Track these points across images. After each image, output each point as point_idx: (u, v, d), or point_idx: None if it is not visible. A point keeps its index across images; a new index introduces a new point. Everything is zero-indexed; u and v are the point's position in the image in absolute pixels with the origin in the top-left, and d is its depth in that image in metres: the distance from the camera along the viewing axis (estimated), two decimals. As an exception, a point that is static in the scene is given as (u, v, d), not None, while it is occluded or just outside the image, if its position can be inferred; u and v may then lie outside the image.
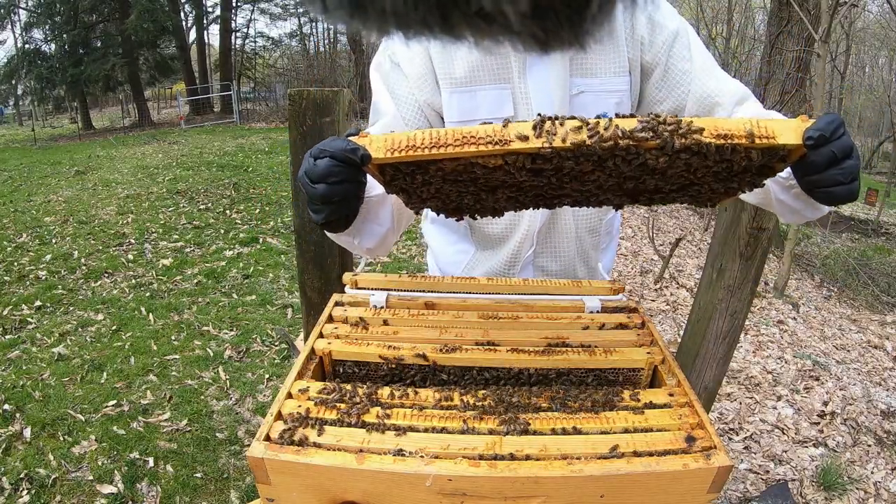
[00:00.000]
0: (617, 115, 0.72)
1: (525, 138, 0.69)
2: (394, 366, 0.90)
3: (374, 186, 0.88)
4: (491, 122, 0.72)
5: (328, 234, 0.96)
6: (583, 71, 1.09)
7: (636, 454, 0.69)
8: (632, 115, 0.72)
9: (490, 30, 0.27)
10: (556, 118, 0.71)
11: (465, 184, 0.80)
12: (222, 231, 5.81)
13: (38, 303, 4.04)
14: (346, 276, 1.13)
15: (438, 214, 0.90)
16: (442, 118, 1.16)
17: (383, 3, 0.25)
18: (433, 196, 0.83)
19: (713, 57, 1.14)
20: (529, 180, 0.77)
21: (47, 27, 17.38)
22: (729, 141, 0.69)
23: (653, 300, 4.63)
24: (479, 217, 0.91)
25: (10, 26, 17.94)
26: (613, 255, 1.42)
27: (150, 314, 3.91)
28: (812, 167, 0.72)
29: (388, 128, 1.15)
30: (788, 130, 0.70)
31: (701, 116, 0.72)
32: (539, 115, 0.72)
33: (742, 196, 0.92)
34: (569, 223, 1.23)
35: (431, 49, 1.11)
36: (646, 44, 1.09)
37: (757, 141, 0.69)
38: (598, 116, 0.71)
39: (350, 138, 0.75)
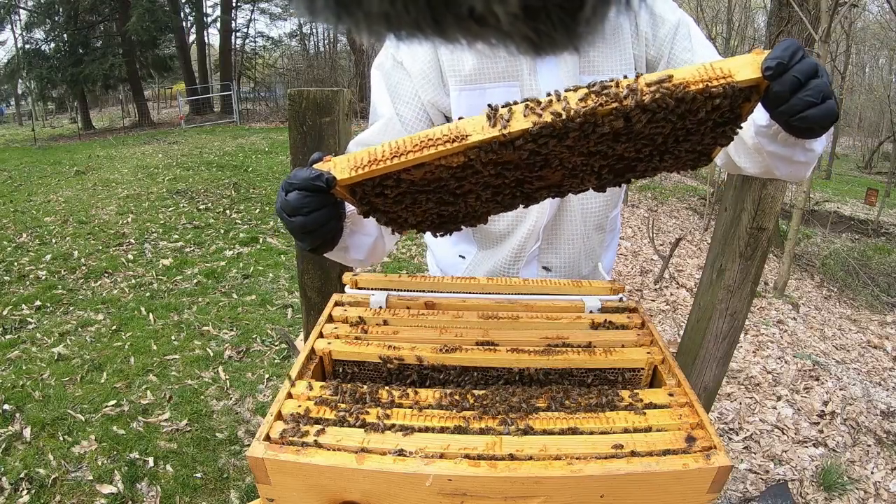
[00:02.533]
0: (567, 90, 0.70)
1: (481, 129, 0.69)
2: (394, 366, 0.90)
3: None
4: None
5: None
6: (591, 69, 1.09)
7: (636, 454, 0.69)
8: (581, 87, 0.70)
9: (482, 32, 0.26)
10: (508, 105, 0.70)
11: (439, 193, 0.78)
12: (222, 231, 5.81)
13: (38, 303, 4.04)
14: (346, 276, 1.13)
15: (426, 233, 0.90)
16: (447, 118, 1.14)
17: (370, 4, 0.25)
18: (411, 213, 0.82)
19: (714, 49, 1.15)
20: (501, 175, 0.76)
21: (47, 27, 17.38)
22: (684, 89, 0.66)
23: (653, 300, 4.63)
24: (468, 227, 0.90)
25: (10, 26, 17.95)
26: (614, 255, 1.41)
27: (150, 314, 3.91)
28: (778, 98, 0.68)
29: (384, 129, 1.14)
30: (745, 66, 0.68)
31: None
32: (489, 105, 0.71)
33: (741, 165, 0.89)
34: (576, 219, 1.21)
35: (439, 46, 1.11)
36: (649, 39, 1.10)
37: (714, 83, 0.66)
38: (547, 94, 0.70)
39: (314, 165, 0.76)
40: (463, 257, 1.33)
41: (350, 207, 0.89)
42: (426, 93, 1.12)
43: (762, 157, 0.92)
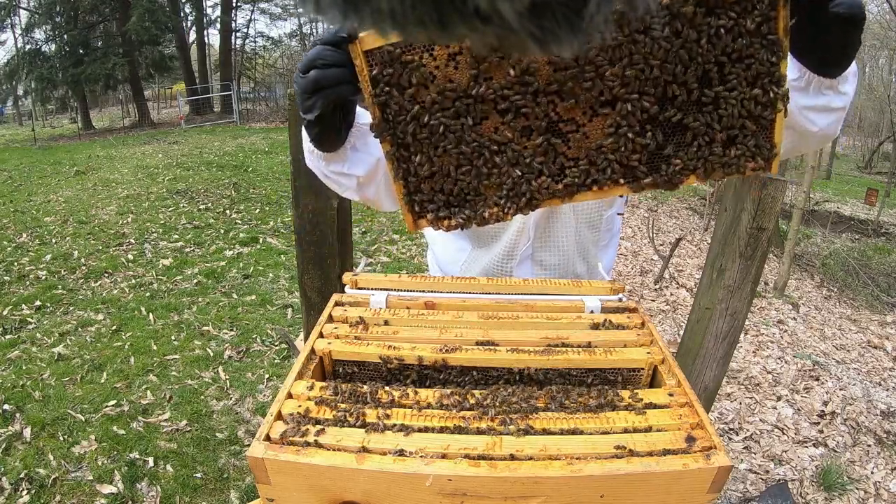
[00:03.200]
0: None
1: None
2: (394, 366, 0.90)
3: (364, 113, 0.89)
4: None
5: (319, 162, 0.97)
6: None
7: (636, 454, 0.69)
8: None
9: (487, 29, 0.27)
10: None
11: (460, 121, 0.77)
12: (222, 231, 5.81)
13: (38, 303, 4.04)
14: (346, 276, 1.13)
15: (430, 228, 0.88)
16: None
17: (377, 2, 0.25)
18: (425, 156, 0.80)
19: None
20: (529, 100, 0.75)
21: (48, 27, 17.38)
22: None
23: (653, 300, 4.62)
24: (475, 219, 0.88)
25: (10, 27, 17.95)
26: (614, 255, 1.41)
27: (150, 314, 3.91)
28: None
29: None
30: None
31: None
32: None
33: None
34: (567, 216, 1.22)
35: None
36: None
37: None
38: None
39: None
40: (460, 253, 1.33)
41: (360, 119, 0.90)
42: None
43: (796, 119, 0.90)
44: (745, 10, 0.72)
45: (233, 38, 21.50)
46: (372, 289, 1.11)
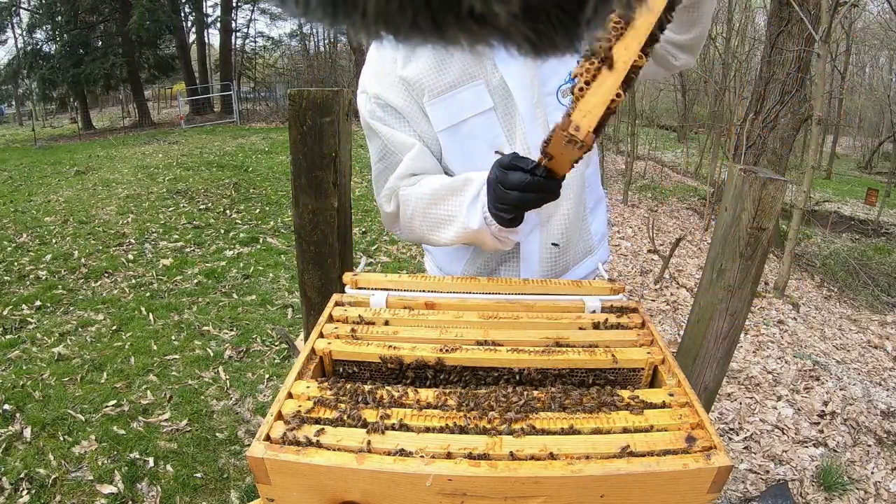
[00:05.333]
0: None
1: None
2: (394, 366, 0.90)
3: None
4: (478, 118, 0.73)
5: (491, 227, 1.06)
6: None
7: (636, 454, 0.69)
8: None
9: (482, 32, 0.26)
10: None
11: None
12: (222, 231, 5.81)
13: (38, 303, 4.04)
14: (347, 276, 1.13)
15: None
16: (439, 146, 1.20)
17: (367, 4, 0.25)
18: None
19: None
20: None
21: (48, 27, 17.37)
22: None
23: (653, 300, 4.62)
24: None
25: (11, 27, 17.94)
26: (604, 220, 1.42)
27: (151, 314, 3.91)
28: None
29: (419, 155, 1.17)
30: None
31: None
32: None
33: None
34: None
35: (401, 73, 1.14)
36: None
37: None
38: None
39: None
40: (462, 251, 1.34)
41: None
42: (419, 126, 1.17)
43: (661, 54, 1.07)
44: None
45: (233, 38, 21.51)
46: (372, 289, 1.11)
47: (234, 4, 21.17)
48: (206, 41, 22.41)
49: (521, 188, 0.91)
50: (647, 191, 9.12)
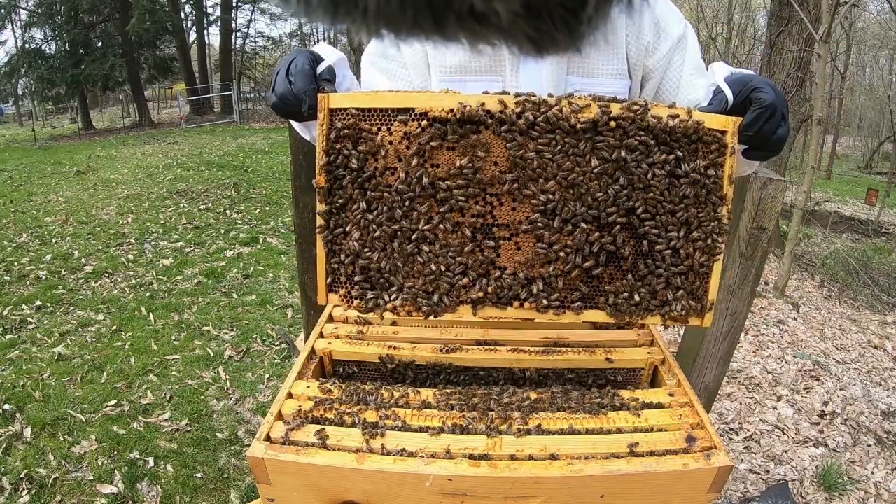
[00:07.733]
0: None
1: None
2: (394, 366, 0.90)
3: (341, 82, 0.96)
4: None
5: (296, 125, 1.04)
6: (581, 70, 1.09)
7: (636, 454, 0.69)
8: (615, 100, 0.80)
9: (483, 31, 0.26)
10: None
11: (402, 192, 0.76)
12: (222, 231, 5.81)
13: (38, 303, 4.04)
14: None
15: (350, 300, 0.83)
16: None
17: (368, 3, 0.25)
18: (359, 227, 0.78)
19: (702, 60, 1.17)
20: (479, 181, 0.76)
21: (48, 27, 17.36)
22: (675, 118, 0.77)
23: (653, 300, 4.61)
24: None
25: (10, 26, 17.93)
26: None
27: (151, 314, 3.91)
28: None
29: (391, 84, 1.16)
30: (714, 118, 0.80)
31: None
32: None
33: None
34: None
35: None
36: (650, 49, 1.10)
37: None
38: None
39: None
40: None
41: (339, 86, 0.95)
42: (416, 77, 1.15)
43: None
44: (693, 151, 0.76)
45: (233, 38, 21.50)
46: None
47: (234, 4, 21.16)
48: (206, 41, 22.42)
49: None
50: (647, 191, 9.09)
